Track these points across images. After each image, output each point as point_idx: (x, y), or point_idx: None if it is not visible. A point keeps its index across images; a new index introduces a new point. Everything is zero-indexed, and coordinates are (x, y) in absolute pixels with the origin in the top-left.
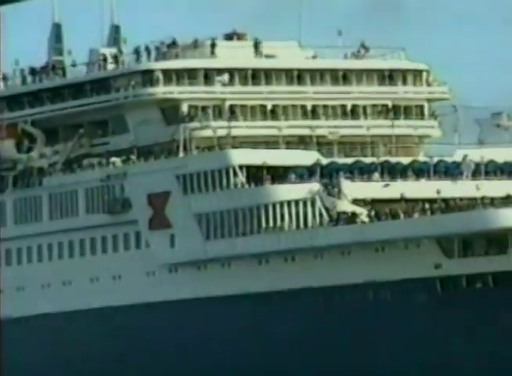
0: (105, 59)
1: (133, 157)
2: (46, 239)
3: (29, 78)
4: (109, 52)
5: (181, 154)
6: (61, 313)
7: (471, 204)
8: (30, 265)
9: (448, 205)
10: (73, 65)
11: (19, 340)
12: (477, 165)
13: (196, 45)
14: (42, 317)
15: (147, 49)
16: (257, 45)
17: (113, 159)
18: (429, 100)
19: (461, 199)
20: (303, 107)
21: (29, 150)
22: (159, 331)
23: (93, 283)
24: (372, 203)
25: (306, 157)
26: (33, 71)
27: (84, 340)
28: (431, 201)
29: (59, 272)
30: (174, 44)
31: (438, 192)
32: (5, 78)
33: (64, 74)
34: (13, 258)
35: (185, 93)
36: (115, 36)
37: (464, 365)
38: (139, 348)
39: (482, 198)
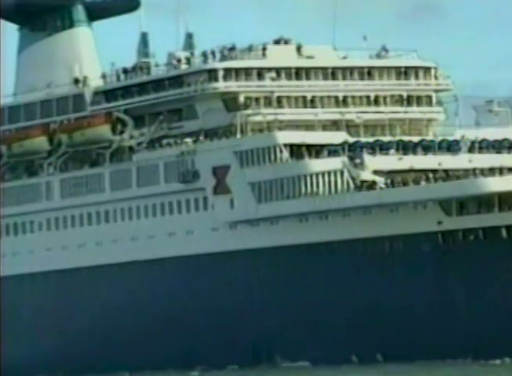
0: (179, 61)
1: (201, 137)
2: (135, 202)
3: (122, 76)
4: (183, 54)
5: (238, 135)
6: (147, 260)
7: (466, 173)
8: (123, 223)
9: (448, 175)
10: (156, 65)
11: (115, 284)
12: (473, 143)
13: (250, 48)
14: (134, 263)
15: (212, 52)
16: (299, 49)
17: (185, 139)
18: (436, 91)
19: (458, 170)
20: (335, 97)
21: (121, 132)
22: (221, 275)
23: (171, 237)
24: (388, 173)
25: (336, 137)
26: (125, 71)
27: (165, 281)
28: (435, 172)
29: (145, 229)
30: (233, 48)
31: (440, 164)
32: (104, 76)
33: (149, 73)
34: (111, 217)
35: (241, 87)
36: (189, 42)
37: (459, 301)
38: (208, 287)
39: (475, 169)
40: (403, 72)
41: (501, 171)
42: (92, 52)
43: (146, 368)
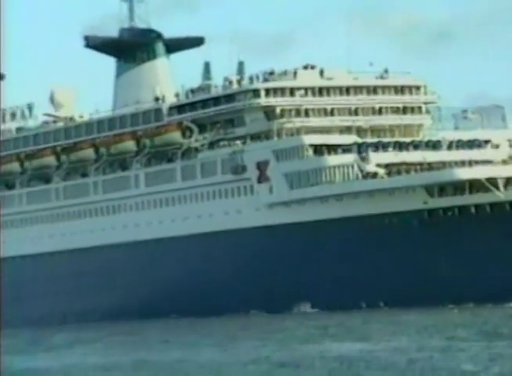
0: (230, 82)
1: (248, 140)
2: (199, 189)
3: (190, 95)
4: (235, 78)
5: (275, 138)
6: (209, 233)
7: (445, 165)
8: (191, 205)
9: (431, 166)
10: (215, 86)
11: (188, 250)
12: (451, 142)
13: (285, 73)
14: (199, 235)
15: (257, 76)
16: (321, 72)
17: (236, 142)
18: (425, 103)
19: (439, 162)
20: (348, 109)
21: (189, 137)
22: (262, 243)
23: (226, 215)
24: (387, 166)
25: (349, 139)
26: (192, 90)
27: (222, 248)
28: (421, 164)
29: (207, 209)
30: (272, 73)
31: (425, 158)
32: (176, 95)
33: (209, 92)
34: (182, 201)
35: (278, 102)
36: (240, 68)
37: (440, 260)
38: (252, 251)
39: (452, 162)
40: (400, 89)
41: (471, 163)
42: (169, 77)
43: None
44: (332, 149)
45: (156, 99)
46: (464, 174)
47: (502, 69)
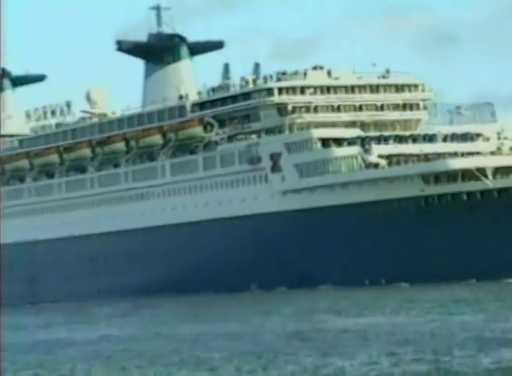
0: (247, 82)
1: (262, 134)
2: (219, 178)
3: (211, 93)
4: (251, 78)
5: (287, 132)
6: (228, 218)
7: (440, 156)
8: (211, 192)
9: (427, 157)
10: (233, 85)
11: (210, 232)
12: (446, 135)
13: (296, 73)
14: (219, 219)
15: (270, 76)
16: (329, 72)
17: (252, 135)
18: (422, 100)
19: (435, 154)
20: (353, 105)
21: (210, 131)
22: (276, 226)
23: (243, 201)
24: (387, 157)
25: (353, 133)
26: (213, 89)
27: (240, 231)
28: (418, 155)
29: (226, 196)
30: (284, 73)
31: (422, 150)
32: (199, 93)
33: (228, 90)
34: (203, 188)
35: (289, 99)
36: (256, 69)
37: (435, 240)
38: (267, 233)
39: (446, 153)
40: (400, 87)
41: (463, 154)
42: (192, 77)
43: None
44: (338, 142)
45: (181, 97)
46: (457, 164)
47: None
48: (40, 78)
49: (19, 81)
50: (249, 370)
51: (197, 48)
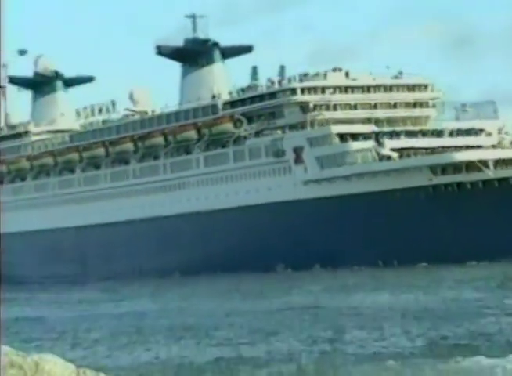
0: (273, 83)
1: (287, 129)
2: (247, 170)
3: (240, 93)
4: (276, 79)
5: (308, 128)
6: (256, 205)
7: (446, 150)
8: (241, 182)
9: (435, 150)
10: (261, 86)
11: (238, 218)
12: (452, 131)
13: (317, 74)
14: (248, 206)
15: (294, 77)
16: (347, 74)
17: (277, 131)
18: (431, 99)
19: (442, 147)
20: (369, 104)
21: (239, 127)
22: (299, 211)
23: (269, 190)
24: (399, 150)
25: (368, 128)
26: (242, 89)
27: (265, 216)
28: (427, 148)
29: (254, 185)
30: (306, 74)
31: (429, 143)
32: (230, 93)
33: (256, 90)
34: (233, 179)
35: (311, 98)
36: (281, 71)
37: (443, 225)
38: (290, 217)
39: (452, 147)
40: (411, 87)
41: (467, 148)
42: (223, 78)
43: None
44: (354, 136)
45: (213, 96)
46: (462, 156)
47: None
48: (89, 80)
49: (70, 83)
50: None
51: (228, 52)
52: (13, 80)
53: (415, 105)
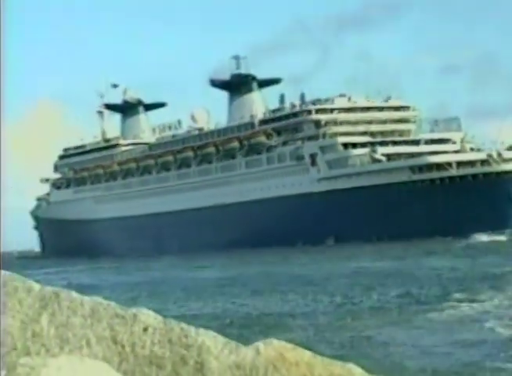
0: (294, 106)
1: (305, 141)
2: (275, 171)
3: (271, 113)
4: (298, 103)
5: (321, 139)
6: (280, 196)
7: (422, 154)
8: (271, 180)
9: (414, 154)
10: (286, 108)
11: (261, 211)
12: (427, 140)
13: (327, 99)
14: (272, 198)
15: (310, 102)
16: (349, 98)
17: (298, 141)
18: (412, 116)
19: (419, 153)
20: (366, 121)
21: (271, 139)
22: (314, 200)
23: (292, 186)
24: (388, 155)
25: (365, 139)
26: (273, 111)
27: (290, 204)
28: (408, 154)
29: (281, 182)
30: (319, 99)
31: (410, 150)
32: (264, 114)
33: (283, 111)
34: (266, 177)
35: (322, 117)
36: (301, 97)
37: (418, 209)
38: (307, 205)
39: (426, 152)
40: (397, 108)
41: (438, 153)
42: (259, 103)
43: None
44: (354, 145)
45: (252, 116)
46: (433, 159)
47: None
48: (162, 105)
49: (149, 107)
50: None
51: (263, 83)
52: (108, 106)
53: (400, 121)
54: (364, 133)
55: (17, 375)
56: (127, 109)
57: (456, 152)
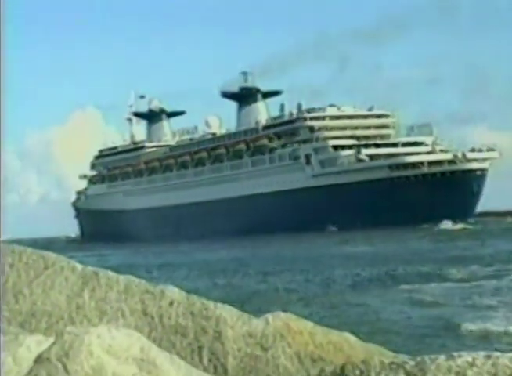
0: (292, 114)
1: (301, 143)
2: (276, 169)
3: (273, 120)
4: (295, 111)
5: (314, 143)
6: (280, 191)
7: (400, 155)
8: (273, 177)
9: (392, 155)
10: (285, 115)
11: (263, 203)
12: (404, 143)
13: (320, 108)
14: (273, 192)
15: (305, 110)
16: (339, 108)
17: (295, 144)
18: (391, 123)
19: (396, 153)
20: (352, 127)
21: (272, 142)
22: (310, 196)
23: (291, 181)
24: (370, 155)
25: (351, 142)
26: (274, 118)
27: (290, 196)
28: (388, 154)
29: (282, 178)
30: (313, 108)
31: (389, 151)
32: (266, 121)
33: (282, 118)
34: (269, 174)
35: (315, 123)
36: (298, 106)
37: (400, 201)
38: (304, 197)
39: (403, 153)
40: (379, 116)
41: (413, 154)
42: (263, 111)
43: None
44: (343, 147)
45: (256, 122)
46: (408, 159)
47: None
48: (181, 113)
49: (170, 115)
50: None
51: (266, 95)
52: (136, 114)
53: (381, 127)
54: (350, 137)
55: (64, 341)
56: (152, 116)
57: (428, 153)
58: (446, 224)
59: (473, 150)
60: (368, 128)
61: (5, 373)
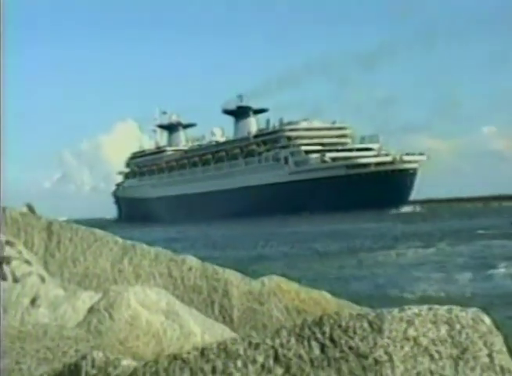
0: (275, 126)
1: (282, 149)
2: (265, 167)
3: (261, 131)
4: (277, 124)
5: (291, 148)
6: (264, 184)
7: (354, 157)
8: (261, 172)
9: (348, 158)
10: (270, 127)
11: (257, 193)
12: (357, 148)
13: (295, 122)
14: (260, 185)
15: (284, 124)
16: (310, 122)
17: (277, 149)
18: (349, 133)
19: (352, 157)
20: (320, 136)
21: (260, 147)
22: (288, 188)
23: (274, 176)
24: (332, 158)
25: (318, 148)
26: (261, 129)
27: (275, 187)
28: (345, 157)
29: (266, 174)
30: (291, 122)
31: (346, 154)
32: (256, 131)
33: (268, 129)
34: (258, 171)
35: (292, 133)
36: (280, 120)
37: (355, 196)
38: (290, 184)
39: (357, 156)
40: (339, 128)
41: (364, 157)
42: (254, 124)
43: None
44: (312, 151)
45: (248, 133)
46: (360, 160)
47: None
48: (193, 125)
49: (185, 127)
50: None
51: (257, 111)
52: (159, 126)
53: (341, 136)
54: (318, 144)
55: (109, 297)
56: (171, 128)
57: (375, 156)
58: (406, 208)
59: (407, 154)
60: (331, 137)
61: (66, 320)
